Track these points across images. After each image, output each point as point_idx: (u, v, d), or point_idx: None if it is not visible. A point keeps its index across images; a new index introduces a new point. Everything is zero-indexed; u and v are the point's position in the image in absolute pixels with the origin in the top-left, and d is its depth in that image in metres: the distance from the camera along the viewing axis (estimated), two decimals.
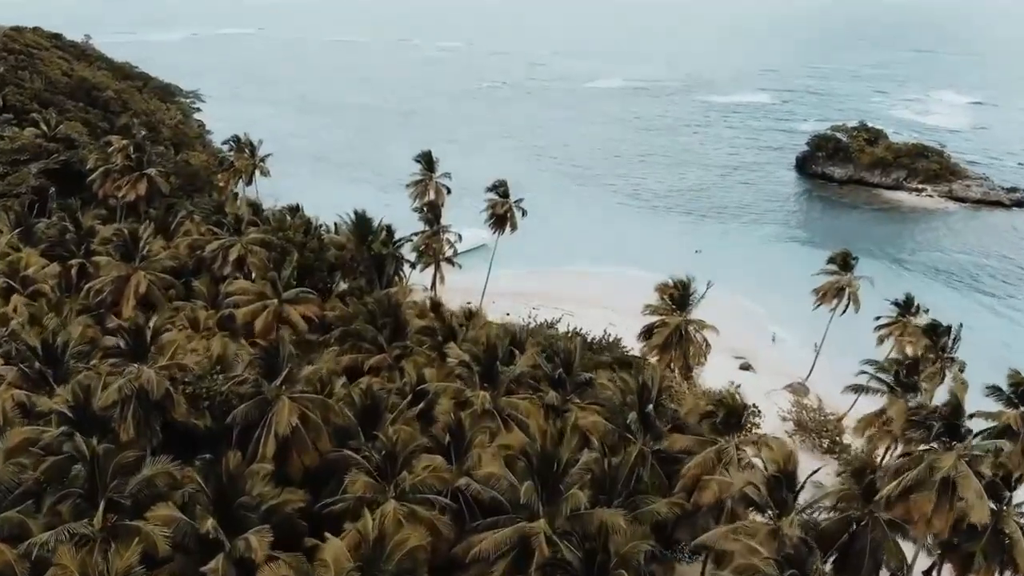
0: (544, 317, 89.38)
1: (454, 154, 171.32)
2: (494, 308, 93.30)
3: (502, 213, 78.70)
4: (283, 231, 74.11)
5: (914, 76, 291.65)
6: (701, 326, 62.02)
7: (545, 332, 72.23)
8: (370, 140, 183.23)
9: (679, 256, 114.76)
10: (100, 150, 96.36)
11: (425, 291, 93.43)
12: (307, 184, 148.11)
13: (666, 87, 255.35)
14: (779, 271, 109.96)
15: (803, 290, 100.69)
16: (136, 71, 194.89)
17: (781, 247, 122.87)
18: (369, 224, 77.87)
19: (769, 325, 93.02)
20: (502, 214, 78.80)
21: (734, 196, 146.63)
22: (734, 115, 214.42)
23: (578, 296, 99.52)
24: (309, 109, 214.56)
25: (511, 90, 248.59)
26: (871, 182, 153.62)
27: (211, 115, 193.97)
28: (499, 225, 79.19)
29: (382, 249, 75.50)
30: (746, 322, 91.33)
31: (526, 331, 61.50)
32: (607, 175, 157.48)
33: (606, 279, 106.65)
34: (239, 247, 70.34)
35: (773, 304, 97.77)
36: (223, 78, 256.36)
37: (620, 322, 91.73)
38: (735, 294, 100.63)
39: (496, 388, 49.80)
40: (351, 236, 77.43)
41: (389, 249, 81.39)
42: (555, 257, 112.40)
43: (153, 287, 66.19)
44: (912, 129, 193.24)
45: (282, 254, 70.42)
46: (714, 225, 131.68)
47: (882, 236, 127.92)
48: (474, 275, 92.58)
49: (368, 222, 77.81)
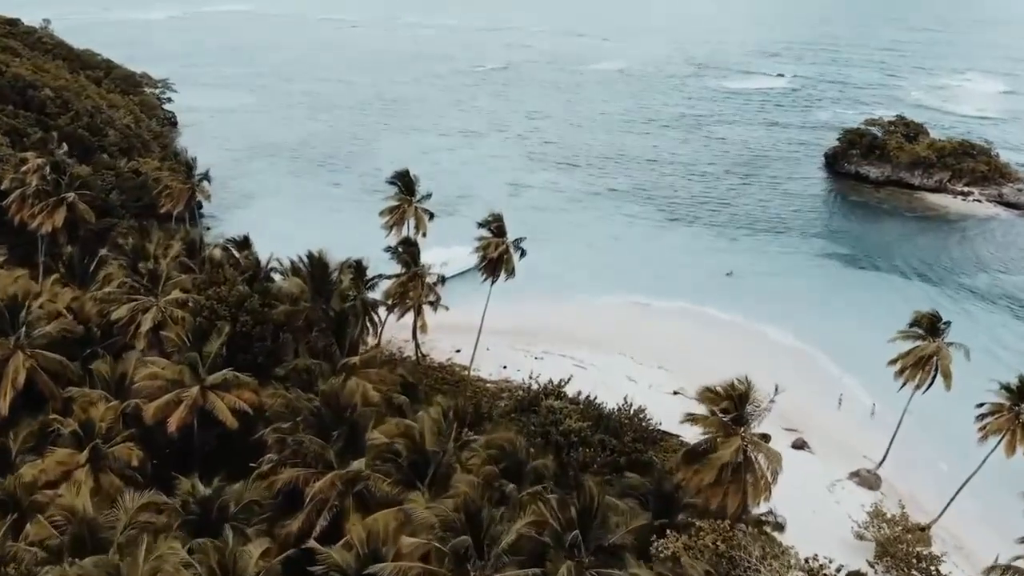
0: (550, 370, 73.83)
1: (444, 149, 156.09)
2: (490, 357, 77.69)
3: (496, 256, 62.54)
4: (217, 284, 58.18)
5: (932, 55, 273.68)
6: (765, 452, 43.99)
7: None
8: (354, 131, 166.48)
9: (705, 280, 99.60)
10: (16, 167, 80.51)
11: (399, 353, 77.93)
12: (277, 189, 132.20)
13: (673, 70, 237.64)
14: (828, 300, 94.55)
15: (860, 326, 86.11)
16: (98, 59, 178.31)
17: (823, 267, 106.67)
18: (327, 271, 61.99)
19: (827, 377, 77.12)
20: (496, 257, 62.66)
21: (760, 202, 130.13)
22: (748, 103, 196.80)
23: (590, 335, 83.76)
24: (293, 96, 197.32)
25: (507, 74, 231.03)
26: (911, 184, 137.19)
27: (185, 105, 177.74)
28: (492, 271, 63.20)
29: (343, 304, 59.65)
30: (799, 373, 75.63)
31: (529, 453, 45.42)
32: (614, 177, 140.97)
33: (620, 311, 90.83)
34: (155, 312, 54.55)
35: (829, 345, 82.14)
36: (207, 60, 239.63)
37: (641, 375, 76.38)
38: (782, 331, 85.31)
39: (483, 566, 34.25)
40: (306, 285, 61.57)
41: (356, 298, 65.72)
42: (561, 280, 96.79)
43: (38, 372, 50.51)
44: (941, 119, 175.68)
45: (211, 319, 54.63)
46: (741, 239, 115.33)
47: (934, 252, 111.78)
48: (467, 307, 76.08)
49: (326, 268, 61.90)
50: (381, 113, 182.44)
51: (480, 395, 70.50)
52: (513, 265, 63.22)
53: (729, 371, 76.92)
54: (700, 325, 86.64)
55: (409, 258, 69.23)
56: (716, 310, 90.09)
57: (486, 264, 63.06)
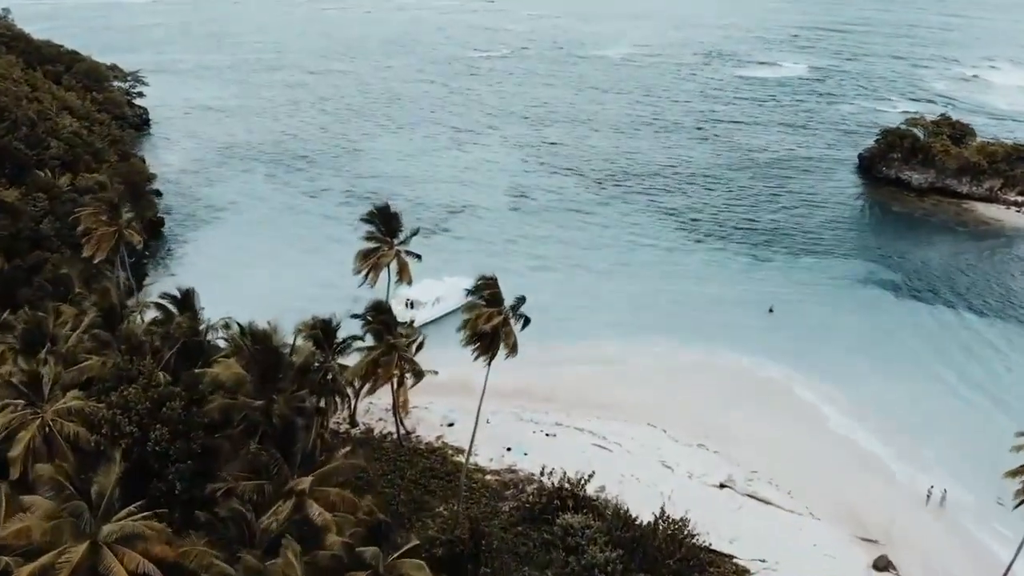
0: (566, 453, 60.26)
1: (437, 151, 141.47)
2: (490, 432, 63.45)
3: (490, 331, 47.59)
4: (127, 381, 44.09)
5: (953, 42, 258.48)
6: None
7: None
8: (341, 130, 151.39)
9: (742, 317, 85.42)
10: None
11: (379, 429, 63.94)
12: (251, 200, 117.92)
13: (684, 58, 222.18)
14: (885, 348, 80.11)
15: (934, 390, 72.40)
16: (61, 51, 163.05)
17: (873, 300, 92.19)
18: (275, 354, 47.63)
19: (904, 463, 63.12)
20: (491, 332, 47.69)
21: (791, 214, 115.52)
22: (767, 97, 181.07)
23: (610, 398, 69.48)
24: (275, 88, 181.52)
25: (507, 61, 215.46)
26: (958, 192, 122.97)
27: (160, 99, 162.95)
28: (487, 349, 48.45)
29: (289, 409, 45.24)
30: (866, 459, 61.95)
31: None
32: (626, 184, 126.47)
33: (644, 360, 76.60)
34: (31, 432, 40.46)
35: (901, 418, 68.17)
36: (189, 46, 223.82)
37: (678, 458, 62.38)
38: (839, 392, 71.44)
39: None
40: (247, 374, 47.27)
41: (321, 368, 51.85)
42: (572, 319, 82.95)
43: None
44: (973, 115, 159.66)
45: (113, 437, 40.72)
46: (773, 260, 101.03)
47: (998, 278, 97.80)
48: (461, 357, 55.49)
49: (275, 354, 47.50)
50: (371, 107, 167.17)
51: (479, 493, 56.62)
52: (515, 340, 48.79)
53: (782, 453, 63.87)
54: (742, 382, 72.52)
55: (382, 327, 54.96)
56: (760, 360, 76.02)
57: (479, 342, 48.61)
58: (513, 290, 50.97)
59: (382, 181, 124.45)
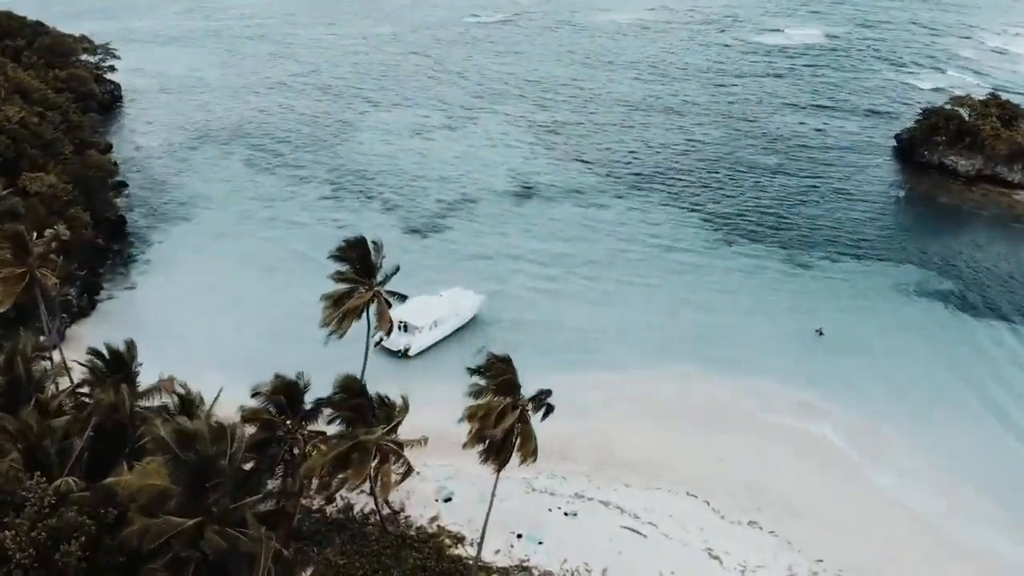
0: (589, 540, 49.37)
1: (430, 133, 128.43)
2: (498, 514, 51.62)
3: (502, 437, 35.67)
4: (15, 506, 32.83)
5: (974, 4, 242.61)
6: None
7: None
8: (327, 108, 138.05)
9: (785, 340, 74.27)
10: None
11: (360, 509, 52.53)
12: (226, 194, 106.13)
13: (695, 23, 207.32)
14: (954, 386, 68.92)
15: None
16: (24, 23, 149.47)
17: (931, 318, 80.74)
18: (209, 466, 35.98)
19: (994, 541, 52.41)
20: (502, 438, 35.73)
21: (828, 208, 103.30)
22: (786, 69, 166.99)
23: (639, 456, 58.31)
24: (260, 59, 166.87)
25: (503, 29, 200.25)
26: (1009, 181, 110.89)
27: (135, 70, 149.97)
28: (497, 455, 36.80)
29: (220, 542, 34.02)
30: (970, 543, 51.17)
31: None
32: (640, 172, 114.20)
33: (669, 392, 65.92)
34: None
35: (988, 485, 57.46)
36: (168, 10, 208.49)
37: (728, 543, 51.57)
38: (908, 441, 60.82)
39: None
40: (173, 487, 35.74)
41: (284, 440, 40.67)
42: (587, 343, 72.26)
43: None
44: (1008, 89, 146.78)
45: None
46: (815, 270, 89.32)
47: None
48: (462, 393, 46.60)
49: (208, 465, 35.87)
50: (359, 83, 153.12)
51: None
52: (535, 445, 37.38)
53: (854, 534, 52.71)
54: (794, 431, 61.42)
55: (353, 414, 43.34)
56: (812, 400, 64.90)
57: (487, 447, 37.12)
58: (515, 307, 41.58)
59: (368, 169, 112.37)
